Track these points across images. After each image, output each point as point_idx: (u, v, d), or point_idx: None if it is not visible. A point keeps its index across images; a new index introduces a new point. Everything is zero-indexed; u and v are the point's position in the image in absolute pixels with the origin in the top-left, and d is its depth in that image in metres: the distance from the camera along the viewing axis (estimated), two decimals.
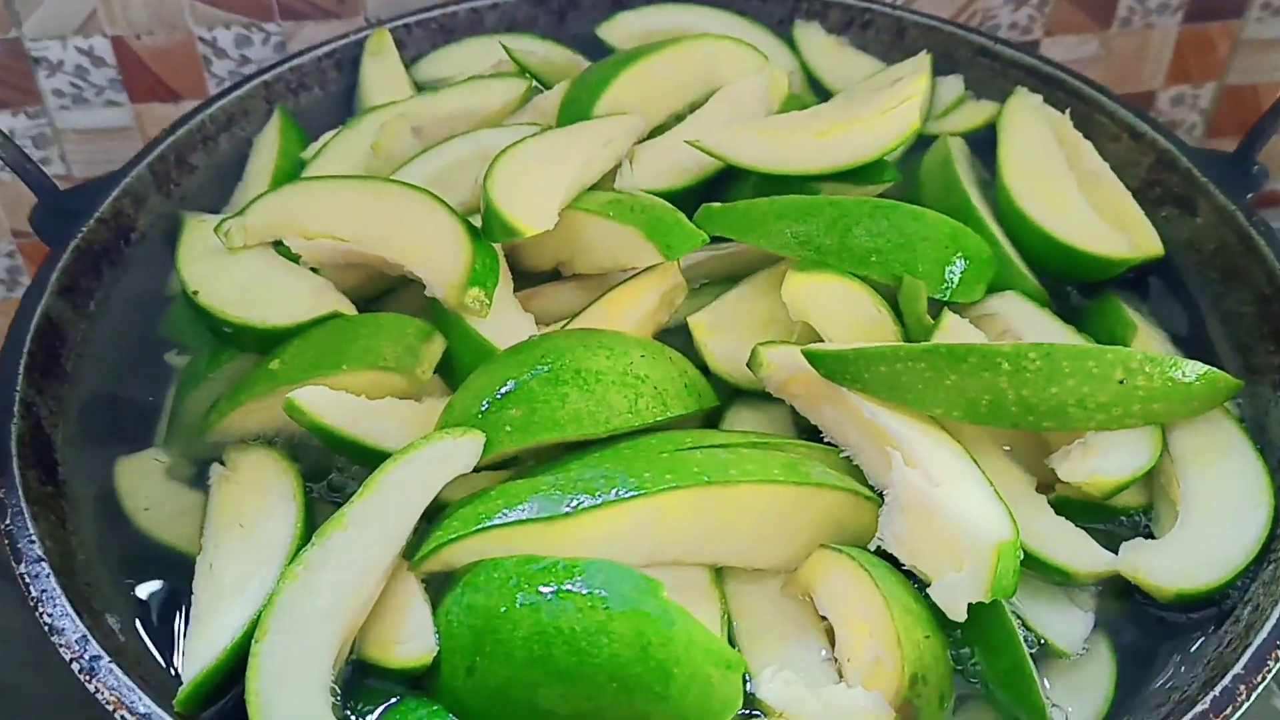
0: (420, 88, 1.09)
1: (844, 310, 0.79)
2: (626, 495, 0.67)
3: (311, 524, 0.73)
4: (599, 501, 0.67)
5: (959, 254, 0.82)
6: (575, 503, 0.67)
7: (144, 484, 0.79)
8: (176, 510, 0.78)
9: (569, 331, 0.77)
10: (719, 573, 0.71)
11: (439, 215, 0.81)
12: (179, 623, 0.72)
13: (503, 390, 0.72)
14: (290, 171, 0.98)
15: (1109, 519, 0.76)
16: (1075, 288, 0.92)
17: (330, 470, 0.78)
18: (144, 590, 0.74)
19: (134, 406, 0.84)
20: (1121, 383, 0.72)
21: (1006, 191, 0.91)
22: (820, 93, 1.09)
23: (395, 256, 0.81)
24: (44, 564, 0.70)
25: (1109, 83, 1.00)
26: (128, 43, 1.21)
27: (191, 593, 0.71)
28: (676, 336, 0.83)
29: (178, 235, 0.92)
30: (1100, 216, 0.91)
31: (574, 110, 0.93)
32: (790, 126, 0.89)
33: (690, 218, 0.84)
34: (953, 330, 0.79)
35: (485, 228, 0.80)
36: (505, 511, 0.67)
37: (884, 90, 0.90)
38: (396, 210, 0.81)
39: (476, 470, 0.71)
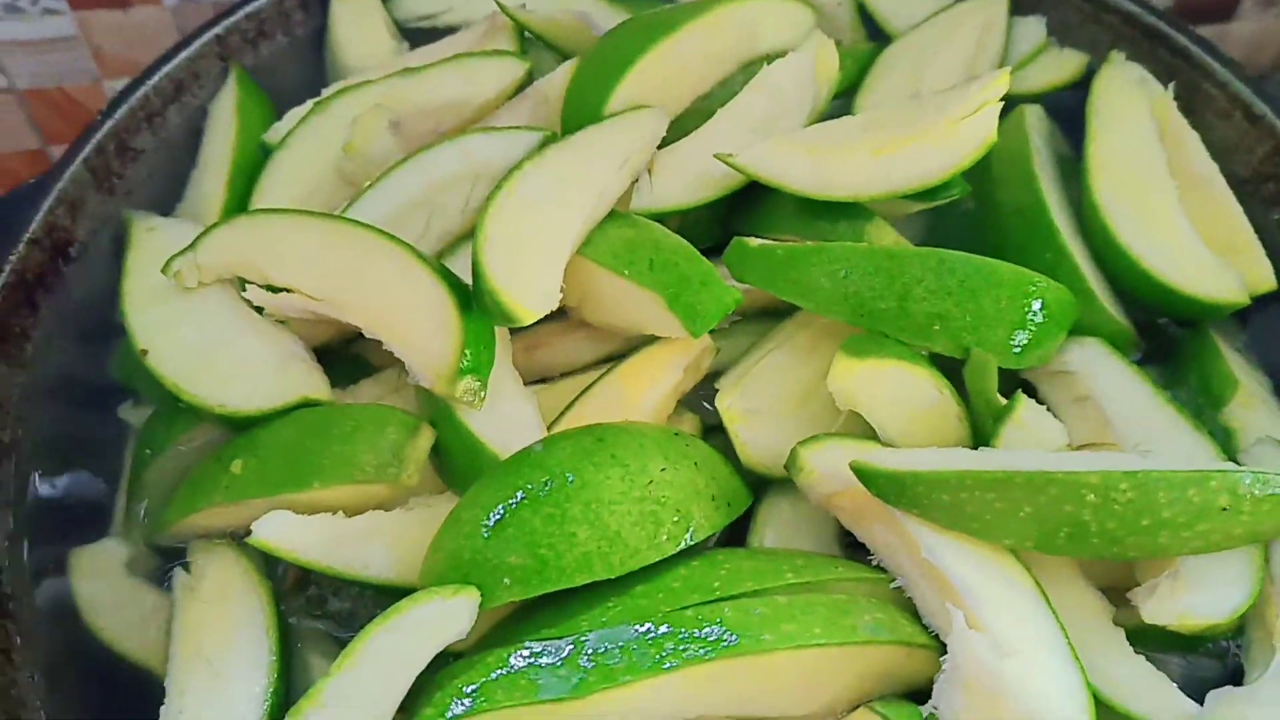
0: (401, 29, 0.93)
1: (901, 398, 0.67)
2: (645, 669, 0.58)
3: (287, 659, 0.65)
4: (611, 683, 0.58)
5: (1036, 307, 0.69)
6: (585, 679, 0.58)
7: (103, 588, 0.70)
8: (140, 616, 0.69)
9: (575, 436, 0.65)
10: None
11: (422, 281, 0.67)
12: None
13: (500, 521, 0.62)
14: (252, 158, 0.83)
15: (1192, 649, 0.67)
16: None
17: (310, 581, 0.69)
18: None
19: (85, 484, 0.74)
20: (1225, 510, 0.61)
21: (1097, 210, 0.77)
22: (875, 33, 0.92)
23: (372, 329, 0.68)
24: None
25: None
26: None
27: None
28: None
29: (125, 244, 0.79)
30: (1202, 234, 0.77)
31: (582, 107, 0.77)
32: (843, 140, 0.73)
33: (719, 230, 0.72)
34: (1028, 424, 0.67)
35: (478, 302, 0.67)
36: (503, 684, 0.59)
37: (956, 91, 0.74)
38: (372, 270, 0.68)
39: None
